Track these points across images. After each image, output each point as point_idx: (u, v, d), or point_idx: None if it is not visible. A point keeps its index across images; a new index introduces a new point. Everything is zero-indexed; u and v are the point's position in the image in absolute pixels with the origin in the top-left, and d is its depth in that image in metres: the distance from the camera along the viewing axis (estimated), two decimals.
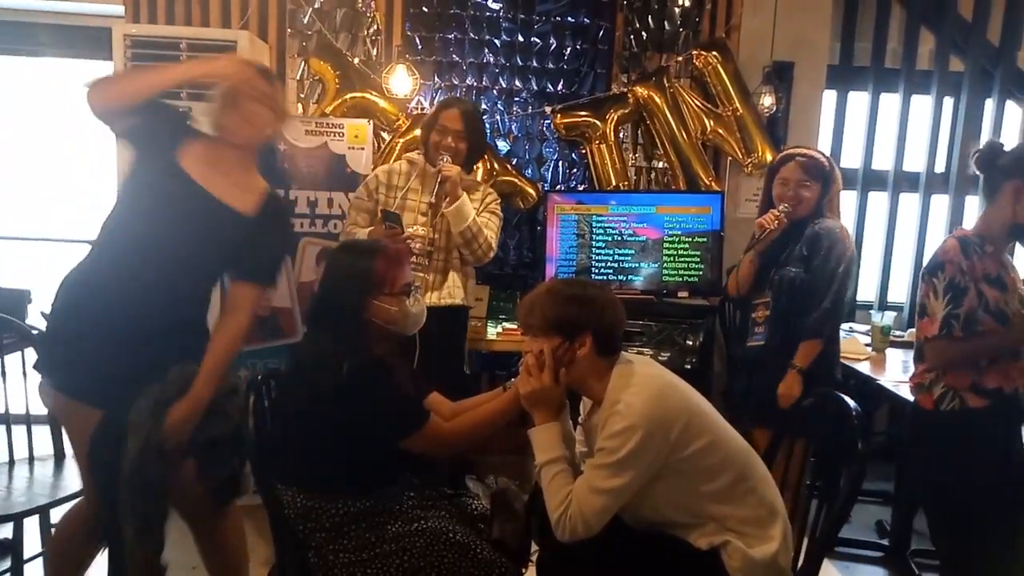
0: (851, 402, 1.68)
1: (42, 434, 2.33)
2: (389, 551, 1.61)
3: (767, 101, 3.55)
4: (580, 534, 1.51)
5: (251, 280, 1.91)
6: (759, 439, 2.20)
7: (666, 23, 3.63)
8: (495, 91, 3.64)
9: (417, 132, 3.40)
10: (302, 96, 3.53)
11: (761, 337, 2.47)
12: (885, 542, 2.97)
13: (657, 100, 3.54)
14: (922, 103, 3.96)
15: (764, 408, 2.38)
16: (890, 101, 3.96)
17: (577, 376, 1.62)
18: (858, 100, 3.97)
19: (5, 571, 2.18)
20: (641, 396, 1.52)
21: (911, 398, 2.12)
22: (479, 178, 3.42)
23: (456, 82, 3.61)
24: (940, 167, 4.01)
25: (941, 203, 4.03)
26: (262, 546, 2.70)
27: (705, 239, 3.37)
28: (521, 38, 3.61)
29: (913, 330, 3.46)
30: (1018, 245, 2.08)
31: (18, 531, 2.04)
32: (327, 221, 3.06)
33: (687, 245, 3.38)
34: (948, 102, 3.96)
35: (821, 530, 1.64)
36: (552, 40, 3.63)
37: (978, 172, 2.03)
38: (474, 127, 2.66)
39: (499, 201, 2.83)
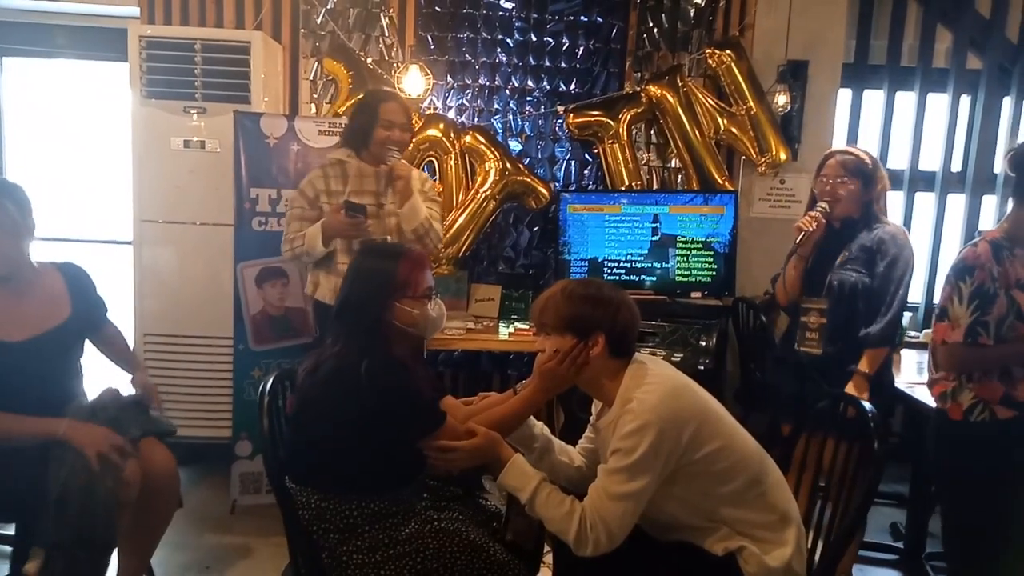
0: (867, 404, 1.67)
1: None
2: (403, 552, 1.61)
3: (781, 100, 3.53)
4: (605, 546, 1.47)
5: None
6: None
7: (679, 22, 3.62)
8: (507, 91, 3.64)
9: (430, 132, 3.41)
10: (315, 96, 3.54)
11: (815, 344, 2.39)
12: (900, 544, 2.94)
13: (670, 99, 3.53)
14: (938, 101, 3.92)
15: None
16: (906, 99, 3.92)
17: (589, 377, 1.61)
18: (873, 99, 3.93)
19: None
20: (655, 394, 1.51)
21: (931, 403, 2.09)
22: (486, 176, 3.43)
23: (469, 82, 3.61)
24: (956, 166, 3.97)
25: (957, 203, 3.98)
26: (266, 547, 2.72)
27: (719, 239, 3.35)
28: (534, 37, 3.61)
29: (929, 331, 3.44)
30: None
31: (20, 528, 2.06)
32: None
33: (700, 245, 3.36)
34: (965, 100, 3.92)
35: (836, 532, 1.62)
36: (565, 39, 3.62)
37: (1010, 172, 1.97)
38: (411, 118, 2.68)
39: (436, 185, 2.81)
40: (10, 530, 2.35)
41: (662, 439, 1.47)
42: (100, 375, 2.30)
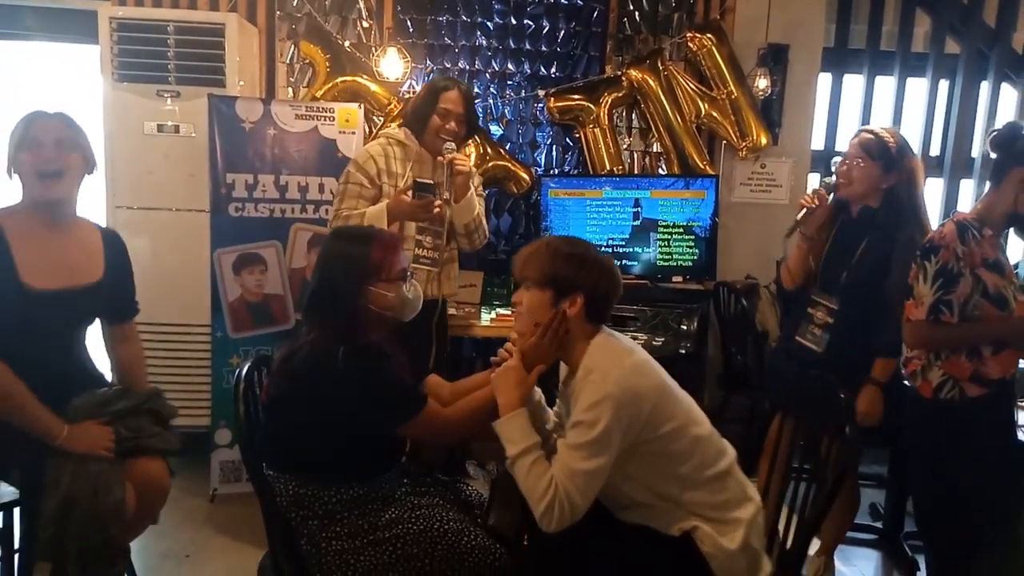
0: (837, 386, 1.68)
1: None
2: (382, 538, 1.59)
3: (762, 83, 3.52)
4: (567, 521, 1.47)
5: None
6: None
7: (660, 5, 3.60)
8: (488, 74, 3.60)
9: None
10: (292, 80, 3.49)
11: (816, 341, 2.29)
12: (879, 525, 2.98)
13: (651, 83, 3.51)
14: (917, 86, 3.94)
15: None
16: (885, 84, 3.93)
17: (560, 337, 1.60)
18: (853, 83, 3.94)
19: None
20: (618, 368, 1.51)
21: (906, 383, 2.11)
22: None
23: (448, 65, 3.57)
24: (935, 150, 4.00)
25: (936, 187, 4.01)
26: (246, 535, 2.70)
27: (700, 224, 3.35)
28: (514, 20, 3.57)
29: None
30: (1012, 234, 2.06)
31: (8, 521, 2.01)
32: (318, 207, 3.03)
33: (681, 230, 3.36)
34: (944, 85, 3.94)
35: (810, 512, 1.63)
36: (545, 22, 3.59)
37: (992, 152, 1.98)
38: (473, 110, 2.58)
39: (482, 181, 2.76)
40: None
41: (620, 414, 1.46)
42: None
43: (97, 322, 2.10)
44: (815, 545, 2.57)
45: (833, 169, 2.33)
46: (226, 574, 2.50)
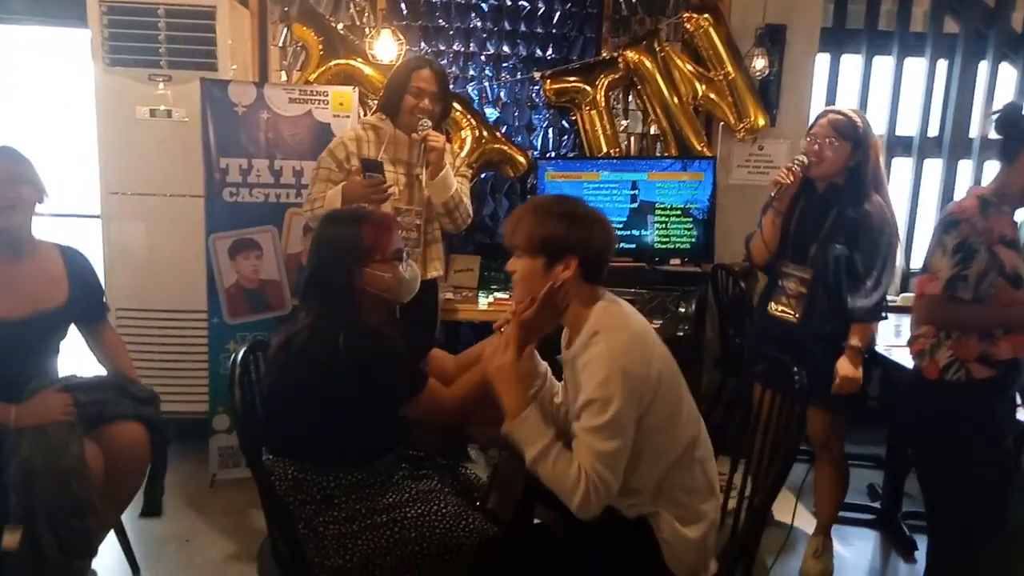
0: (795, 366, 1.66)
1: None
2: (380, 522, 1.59)
3: (759, 64, 3.49)
4: (605, 502, 1.42)
5: None
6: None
7: None
8: (483, 57, 3.57)
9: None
10: (285, 63, 3.45)
11: (790, 311, 2.38)
12: (877, 505, 2.99)
13: (648, 64, 3.48)
14: (916, 66, 3.91)
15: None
16: (883, 64, 3.91)
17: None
18: (851, 63, 3.91)
19: None
20: (626, 332, 1.47)
21: (908, 363, 2.10)
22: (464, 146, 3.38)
23: (442, 47, 3.54)
24: (934, 131, 3.98)
25: (934, 167, 4.00)
26: (245, 520, 2.71)
27: (697, 206, 3.33)
28: (508, 1, 3.54)
29: (906, 295, 3.48)
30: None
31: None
32: None
33: (679, 212, 3.35)
34: (942, 65, 3.91)
35: (763, 489, 1.60)
36: (540, 3, 3.55)
37: (997, 134, 1.96)
38: (447, 87, 2.57)
39: (466, 161, 2.74)
40: None
41: (631, 384, 1.41)
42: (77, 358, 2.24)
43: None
44: (811, 524, 2.60)
45: (804, 149, 2.39)
46: (226, 558, 2.50)
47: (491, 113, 3.58)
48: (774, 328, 2.43)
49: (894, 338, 2.84)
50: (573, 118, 3.61)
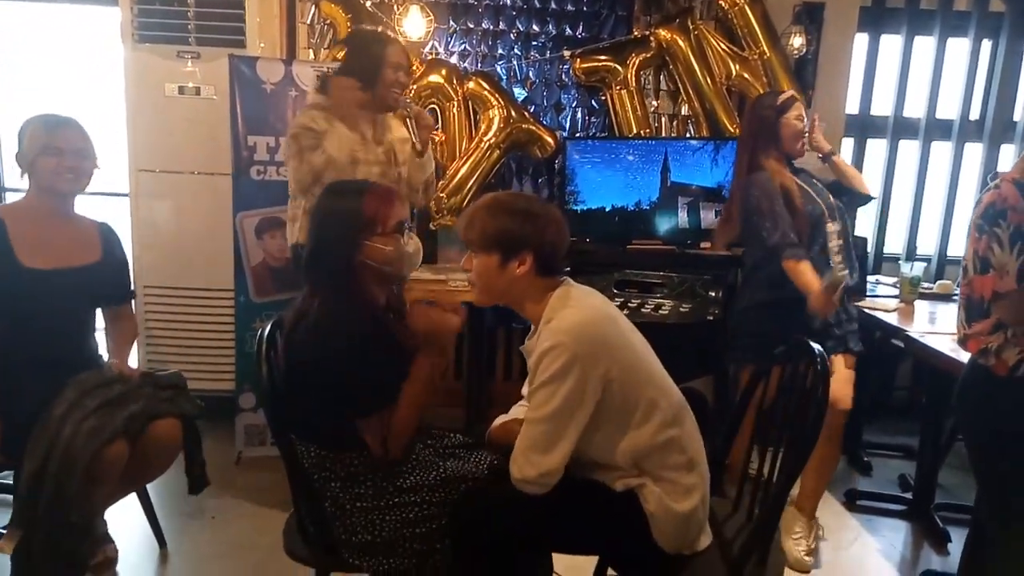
0: (816, 347, 1.62)
1: None
2: (407, 501, 1.58)
3: (797, 41, 3.40)
4: (528, 474, 1.46)
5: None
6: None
7: None
8: (512, 35, 3.51)
9: (432, 78, 3.30)
10: (313, 41, 3.43)
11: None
12: (908, 496, 2.92)
13: (680, 44, 3.40)
14: (958, 46, 3.79)
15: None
16: (924, 44, 3.78)
17: (516, 296, 1.57)
18: (891, 44, 3.79)
19: None
20: (577, 315, 1.49)
21: (963, 357, 2.00)
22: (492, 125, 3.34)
23: (472, 25, 3.49)
24: (975, 114, 3.85)
25: (975, 152, 3.88)
26: (271, 498, 2.72)
27: (729, 188, 3.26)
28: None
29: (943, 282, 3.38)
30: None
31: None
32: None
33: (710, 194, 3.27)
34: (986, 45, 3.78)
35: (779, 477, 1.57)
36: None
37: None
38: (411, 62, 2.60)
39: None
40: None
41: (577, 360, 1.43)
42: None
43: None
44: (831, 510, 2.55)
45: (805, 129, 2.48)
46: (252, 535, 2.52)
47: (519, 92, 3.53)
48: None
49: (928, 325, 2.77)
50: (603, 98, 3.54)
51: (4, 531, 1.90)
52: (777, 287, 2.36)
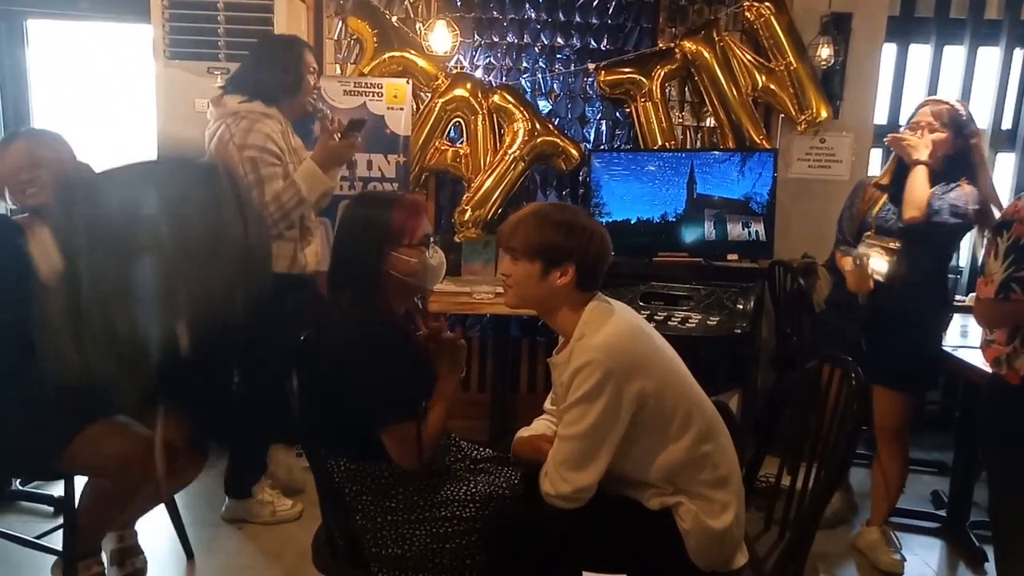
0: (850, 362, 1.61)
1: None
2: (439, 516, 1.58)
3: (824, 52, 3.37)
4: (562, 490, 1.46)
5: None
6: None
7: None
8: (536, 48, 3.53)
9: (457, 91, 3.33)
10: (340, 56, 3.47)
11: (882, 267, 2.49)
12: (942, 513, 2.86)
13: (706, 55, 3.40)
14: (989, 56, 3.74)
15: None
16: (954, 54, 3.74)
17: (552, 307, 1.57)
18: (920, 54, 3.75)
19: (58, 527, 2.22)
20: (611, 331, 1.49)
21: (977, 363, 2.01)
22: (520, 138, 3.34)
23: (496, 39, 3.51)
24: (1007, 124, 3.80)
25: (1007, 162, 3.82)
26: (306, 506, 2.73)
27: (756, 200, 3.24)
28: None
29: (974, 295, 3.32)
30: None
31: (69, 488, 2.06)
32: (367, 183, 3.02)
33: (737, 206, 3.25)
34: (1018, 54, 3.73)
35: (812, 494, 1.57)
36: None
37: None
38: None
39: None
40: (54, 489, 2.37)
41: (611, 378, 1.43)
42: None
43: None
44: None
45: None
46: (280, 545, 2.53)
47: (544, 105, 3.54)
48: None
49: (960, 339, 2.72)
50: (627, 110, 3.54)
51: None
52: None
